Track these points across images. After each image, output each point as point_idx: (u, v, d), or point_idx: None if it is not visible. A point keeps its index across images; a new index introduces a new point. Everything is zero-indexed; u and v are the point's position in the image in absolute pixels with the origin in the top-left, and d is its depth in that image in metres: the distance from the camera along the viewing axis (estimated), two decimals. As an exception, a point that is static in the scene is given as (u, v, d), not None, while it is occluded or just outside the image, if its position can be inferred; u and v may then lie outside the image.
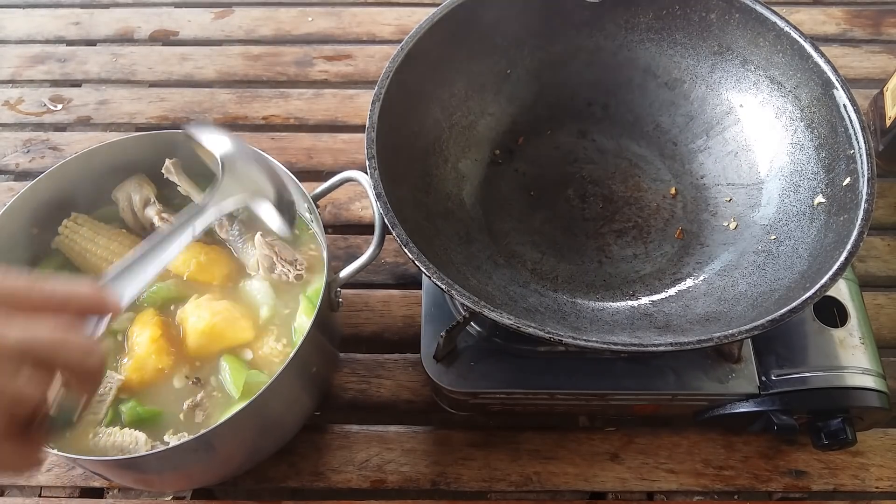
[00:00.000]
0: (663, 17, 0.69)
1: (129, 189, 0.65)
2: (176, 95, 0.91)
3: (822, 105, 0.62)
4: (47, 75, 0.94)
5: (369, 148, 0.57)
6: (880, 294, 0.76)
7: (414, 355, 0.72)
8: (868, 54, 0.94)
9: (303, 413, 0.65)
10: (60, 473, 0.67)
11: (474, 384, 0.62)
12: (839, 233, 0.56)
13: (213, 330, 0.59)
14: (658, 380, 0.62)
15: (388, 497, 0.66)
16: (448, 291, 0.52)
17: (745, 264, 0.62)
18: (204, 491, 0.66)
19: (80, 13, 1.00)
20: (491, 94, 0.71)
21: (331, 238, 0.80)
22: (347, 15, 1.00)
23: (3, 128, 0.90)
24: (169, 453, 0.52)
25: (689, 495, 0.66)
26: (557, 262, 0.66)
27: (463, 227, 0.66)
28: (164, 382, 0.59)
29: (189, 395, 0.58)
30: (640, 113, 0.73)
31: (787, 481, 0.66)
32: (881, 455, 0.67)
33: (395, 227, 0.54)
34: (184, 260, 0.62)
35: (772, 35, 0.65)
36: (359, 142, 0.87)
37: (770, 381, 0.62)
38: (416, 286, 0.76)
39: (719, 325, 0.57)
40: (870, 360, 0.62)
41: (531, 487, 0.66)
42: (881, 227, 0.81)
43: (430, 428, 0.69)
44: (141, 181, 0.65)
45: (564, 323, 0.61)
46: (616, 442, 0.68)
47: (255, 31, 0.98)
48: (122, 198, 0.65)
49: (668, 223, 0.68)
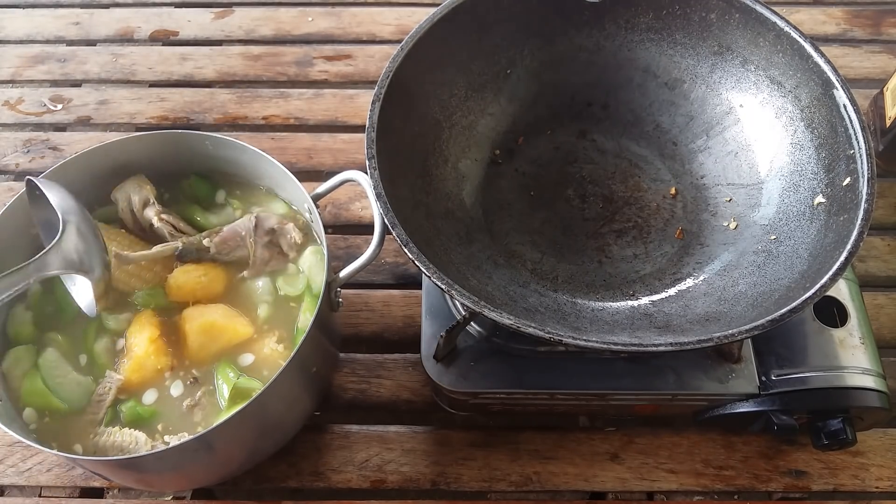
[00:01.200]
0: (663, 17, 0.69)
1: (128, 190, 0.65)
2: (176, 95, 0.91)
3: (822, 105, 0.62)
4: (47, 75, 0.94)
5: (369, 148, 0.57)
6: (880, 294, 0.76)
7: (414, 355, 0.72)
8: (868, 54, 0.94)
9: (303, 413, 0.65)
10: (60, 473, 0.67)
11: (474, 384, 0.62)
12: (839, 233, 0.56)
13: (214, 326, 0.60)
14: (658, 380, 0.62)
15: (388, 497, 0.66)
16: (448, 291, 0.52)
17: (745, 264, 0.62)
18: (204, 491, 0.66)
19: (80, 13, 1.00)
20: (491, 94, 0.71)
21: (331, 238, 0.80)
22: (347, 15, 1.00)
23: (3, 128, 0.90)
24: (169, 453, 0.52)
25: (689, 495, 0.66)
26: (557, 262, 0.66)
27: (463, 227, 0.66)
28: (162, 382, 0.59)
29: (188, 395, 0.58)
30: (640, 113, 0.73)
31: (787, 481, 0.66)
32: (881, 455, 0.67)
33: (395, 227, 0.54)
34: (190, 289, 0.62)
35: (772, 35, 0.65)
36: (359, 142, 0.87)
37: (770, 381, 0.62)
38: (416, 286, 0.76)
39: (719, 325, 0.57)
40: (870, 360, 0.62)
41: (531, 487, 0.66)
42: (881, 227, 0.81)
43: (430, 428, 0.69)
44: (140, 182, 0.65)
45: (564, 323, 0.61)
46: (616, 442, 0.68)
47: (255, 31, 0.98)
48: (122, 198, 0.65)
49: (668, 223, 0.68)
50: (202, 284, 0.62)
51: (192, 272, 0.62)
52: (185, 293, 0.62)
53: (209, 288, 0.63)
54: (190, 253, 0.63)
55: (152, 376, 0.59)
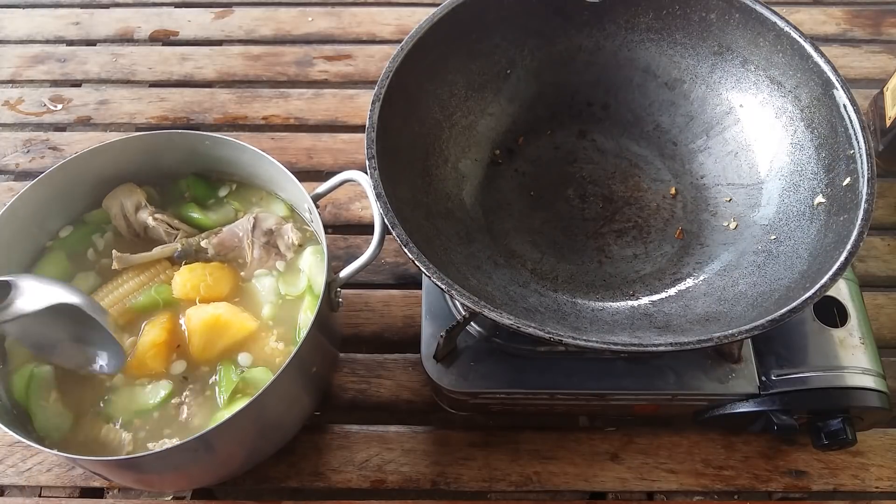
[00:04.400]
0: (663, 17, 0.69)
1: (119, 197, 0.65)
2: (176, 95, 0.91)
3: (822, 105, 0.62)
4: (47, 75, 0.94)
5: (369, 148, 0.57)
6: (880, 294, 0.76)
7: (414, 355, 0.72)
8: (868, 54, 0.94)
9: (303, 413, 0.65)
10: (60, 473, 0.67)
11: (474, 384, 0.62)
12: (839, 233, 0.56)
13: (218, 322, 0.60)
14: (658, 380, 0.62)
15: (388, 497, 0.66)
16: (448, 291, 0.52)
17: (745, 264, 0.62)
18: (204, 491, 0.66)
19: (80, 13, 1.00)
20: (491, 94, 0.71)
21: (331, 238, 0.80)
22: (347, 15, 1.00)
23: (3, 128, 0.90)
24: (169, 453, 0.52)
25: (689, 495, 0.66)
26: (557, 262, 0.66)
27: (463, 227, 0.66)
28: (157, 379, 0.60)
29: (176, 393, 0.59)
30: (640, 113, 0.73)
31: (787, 481, 0.66)
32: (881, 455, 0.67)
33: (395, 227, 0.54)
34: (192, 285, 0.62)
35: (772, 35, 0.65)
36: (359, 142, 0.87)
37: (770, 381, 0.62)
38: (416, 286, 0.76)
39: (719, 325, 0.57)
40: (870, 360, 0.62)
41: (531, 487, 0.66)
42: (881, 227, 0.81)
43: (430, 428, 0.69)
44: (130, 188, 0.66)
45: (564, 323, 0.61)
46: (616, 442, 0.68)
47: (255, 31, 0.98)
48: (114, 206, 0.65)
49: (668, 223, 0.68)
50: (208, 286, 0.62)
51: (197, 271, 0.63)
52: (190, 291, 0.62)
53: (215, 288, 0.63)
54: (188, 254, 0.63)
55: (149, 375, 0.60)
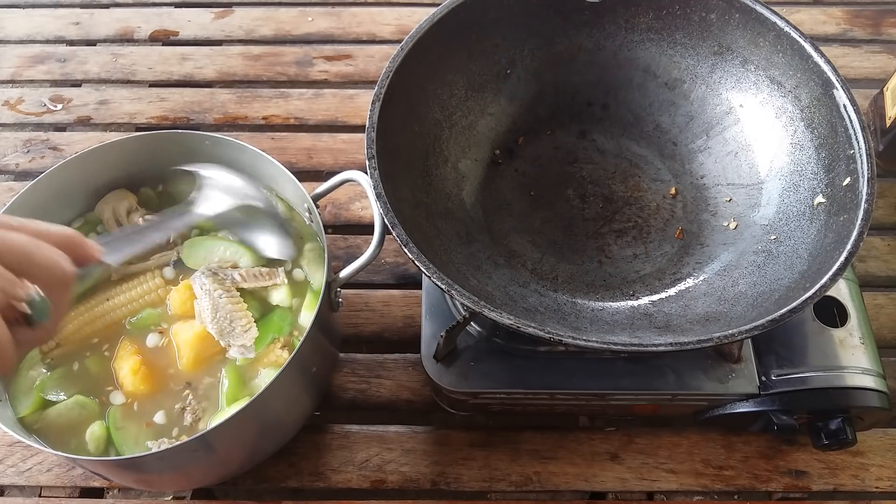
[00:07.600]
0: (663, 17, 0.69)
1: (111, 202, 0.66)
2: (176, 95, 0.91)
3: (822, 105, 0.62)
4: (47, 75, 0.94)
5: (369, 148, 0.57)
6: (880, 294, 0.76)
7: (414, 355, 0.72)
8: (868, 54, 0.94)
9: (303, 413, 0.65)
10: (60, 473, 0.67)
11: (474, 384, 0.62)
12: (839, 233, 0.56)
13: (203, 333, 0.59)
14: (658, 380, 0.62)
15: (388, 497, 0.66)
16: (448, 291, 0.52)
17: (745, 264, 0.62)
18: (204, 491, 0.66)
19: (80, 13, 1.00)
20: (491, 94, 0.71)
21: (331, 238, 0.80)
22: (347, 15, 1.00)
23: (3, 128, 0.90)
24: (169, 453, 0.52)
25: (689, 495, 0.66)
26: (557, 262, 0.66)
27: (463, 227, 0.66)
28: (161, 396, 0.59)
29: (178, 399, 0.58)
30: (640, 113, 0.73)
31: (787, 481, 0.66)
32: (881, 455, 0.67)
33: (395, 227, 0.54)
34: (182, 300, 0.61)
35: (772, 35, 0.65)
36: (359, 142, 0.87)
37: (770, 381, 0.62)
38: (416, 286, 0.76)
39: (719, 325, 0.57)
40: (870, 360, 0.62)
41: (531, 487, 0.66)
42: (881, 227, 0.81)
43: (430, 428, 0.69)
44: (122, 193, 0.66)
45: (564, 323, 0.61)
46: (616, 442, 0.68)
47: (255, 31, 0.98)
48: (106, 210, 0.66)
49: (668, 223, 0.68)
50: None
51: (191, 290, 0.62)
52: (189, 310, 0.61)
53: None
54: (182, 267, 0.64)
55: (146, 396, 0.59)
